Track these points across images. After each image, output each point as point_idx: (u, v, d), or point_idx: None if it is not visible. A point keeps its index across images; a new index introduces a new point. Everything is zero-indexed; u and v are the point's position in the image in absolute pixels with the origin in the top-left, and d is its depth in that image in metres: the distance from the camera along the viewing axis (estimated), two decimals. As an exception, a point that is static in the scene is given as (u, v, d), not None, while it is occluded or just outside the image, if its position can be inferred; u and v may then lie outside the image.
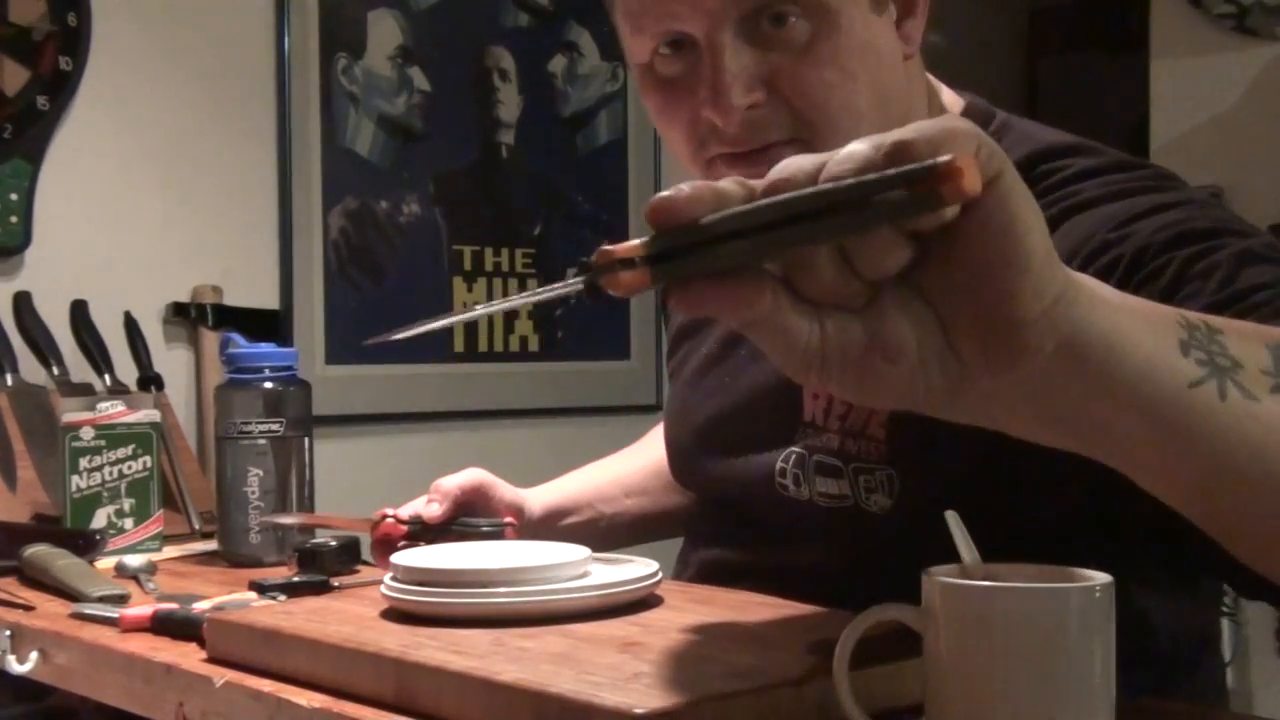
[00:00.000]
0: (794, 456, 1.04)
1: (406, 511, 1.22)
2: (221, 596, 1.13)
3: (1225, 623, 2.40)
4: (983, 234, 0.56)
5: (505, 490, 1.25)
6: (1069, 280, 0.59)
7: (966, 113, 1.05)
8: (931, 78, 1.07)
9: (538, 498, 1.30)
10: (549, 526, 1.29)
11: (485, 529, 1.20)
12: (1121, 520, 0.90)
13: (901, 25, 0.99)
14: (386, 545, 1.19)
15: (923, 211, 0.54)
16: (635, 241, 0.58)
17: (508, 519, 1.22)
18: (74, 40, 2.16)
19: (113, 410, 1.52)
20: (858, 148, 0.56)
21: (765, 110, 0.95)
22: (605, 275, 0.58)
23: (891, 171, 0.53)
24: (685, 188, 0.57)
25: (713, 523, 1.17)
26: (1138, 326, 0.63)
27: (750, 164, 0.95)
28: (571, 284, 0.61)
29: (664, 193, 0.57)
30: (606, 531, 1.33)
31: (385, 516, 1.21)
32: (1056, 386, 0.60)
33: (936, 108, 1.05)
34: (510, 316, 2.73)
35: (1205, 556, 0.76)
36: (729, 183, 0.58)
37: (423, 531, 1.20)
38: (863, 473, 0.99)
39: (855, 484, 1.00)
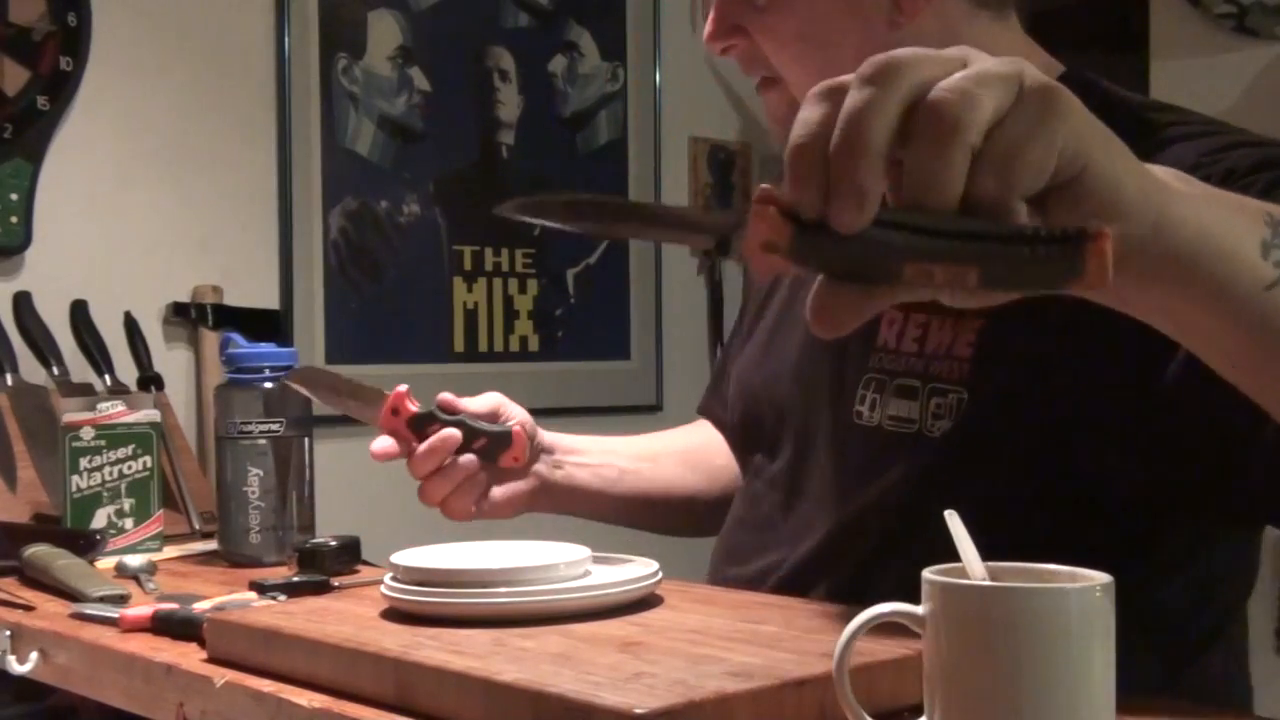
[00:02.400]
0: (873, 382, 1.06)
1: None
2: (221, 596, 1.13)
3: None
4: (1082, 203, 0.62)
5: (519, 410, 1.26)
6: (1164, 202, 0.64)
7: None
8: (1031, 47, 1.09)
9: (549, 432, 1.30)
10: (559, 459, 1.28)
11: (492, 430, 1.20)
12: (1168, 484, 0.94)
13: None
14: (394, 417, 1.19)
15: (1063, 274, 0.58)
16: (784, 208, 0.59)
17: (514, 422, 1.22)
18: (74, 40, 2.16)
19: (113, 410, 1.52)
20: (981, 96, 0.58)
21: (745, 52, 1.08)
22: (752, 226, 0.59)
23: (1044, 231, 0.58)
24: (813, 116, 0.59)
25: (768, 451, 1.18)
26: (1223, 227, 0.67)
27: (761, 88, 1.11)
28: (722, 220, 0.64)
29: (796, 136, 0.59)
30: (613, 484, 1.32)
31: (401, 392, 1.20)
32: (1138, 291, 0.67)
33: None
34: (510, 317, 2.73)
35: (1262, 504, 0.86)
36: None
37: (430, 417, 1.19)
38: (936, 394, 1.01)
39: (925, 406, 1.01)
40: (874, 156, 0.57)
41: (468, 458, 1.19)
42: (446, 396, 1.21)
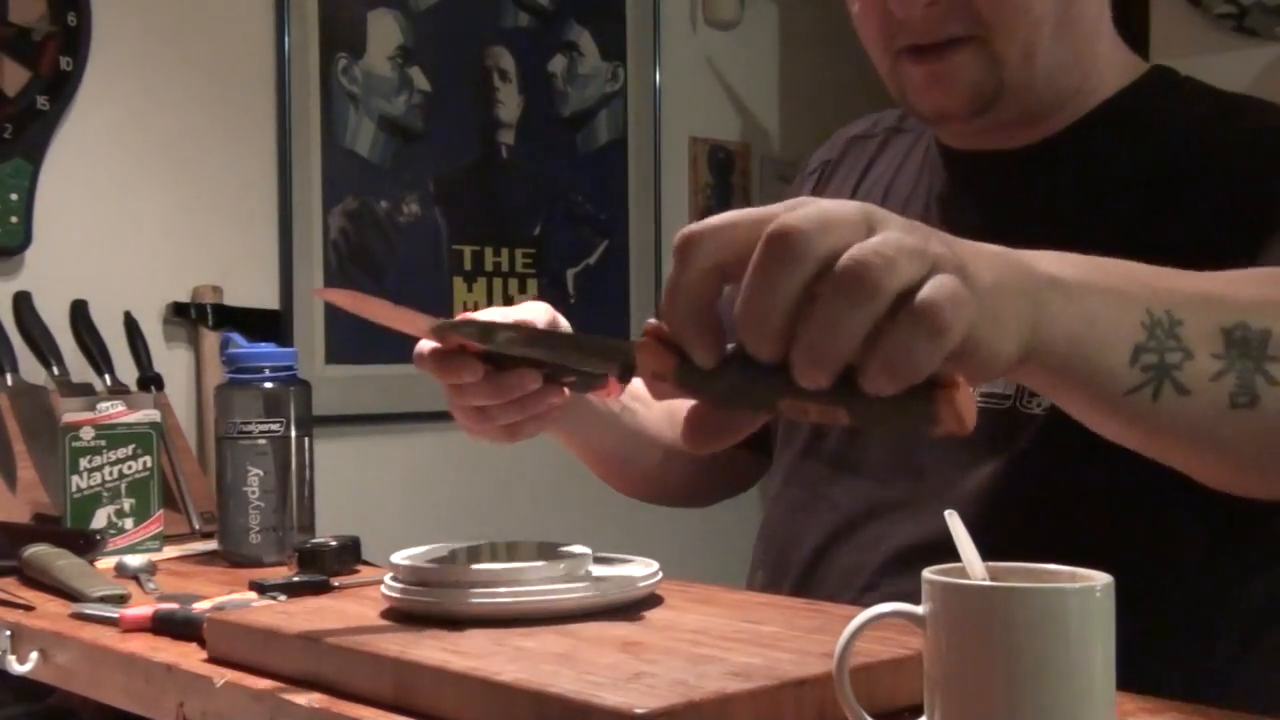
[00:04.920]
0: None
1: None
2: (221, 596, 1.13)
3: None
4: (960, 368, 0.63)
5: (565, 322, 1.15)
6: (1034, 333, 0.66)
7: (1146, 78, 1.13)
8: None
9: None
10: None
11: (584, 370, 0.94)
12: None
13: None
14: (454, 358, 0.98)
15: (922, 421, 0.60)
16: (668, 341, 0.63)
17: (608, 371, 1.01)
18: (74, 40, 2.15)
19: (113, 410, 1.53)
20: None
21: (945, 6, 1.00)
22: (639, 357, 0.64)
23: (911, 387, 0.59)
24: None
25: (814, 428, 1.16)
26: (1096, 335, 0.69)
27: (930, 57, 1.02)
28: (602, 370, 0.71)
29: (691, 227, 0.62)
30: (615, 417, 1.23)
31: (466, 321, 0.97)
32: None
33: (1100, 45, 1.10)
34: (510, 316, 2.72)
35: None
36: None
37: (503, 359, 0.96)
38: None
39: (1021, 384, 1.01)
40: (774, 336, 0.59)
41: (557, 397, 1.01)
42: (524, 319, 1.05)
